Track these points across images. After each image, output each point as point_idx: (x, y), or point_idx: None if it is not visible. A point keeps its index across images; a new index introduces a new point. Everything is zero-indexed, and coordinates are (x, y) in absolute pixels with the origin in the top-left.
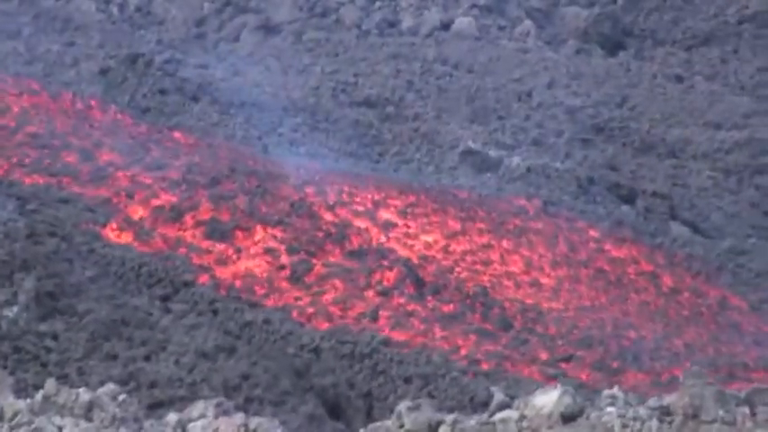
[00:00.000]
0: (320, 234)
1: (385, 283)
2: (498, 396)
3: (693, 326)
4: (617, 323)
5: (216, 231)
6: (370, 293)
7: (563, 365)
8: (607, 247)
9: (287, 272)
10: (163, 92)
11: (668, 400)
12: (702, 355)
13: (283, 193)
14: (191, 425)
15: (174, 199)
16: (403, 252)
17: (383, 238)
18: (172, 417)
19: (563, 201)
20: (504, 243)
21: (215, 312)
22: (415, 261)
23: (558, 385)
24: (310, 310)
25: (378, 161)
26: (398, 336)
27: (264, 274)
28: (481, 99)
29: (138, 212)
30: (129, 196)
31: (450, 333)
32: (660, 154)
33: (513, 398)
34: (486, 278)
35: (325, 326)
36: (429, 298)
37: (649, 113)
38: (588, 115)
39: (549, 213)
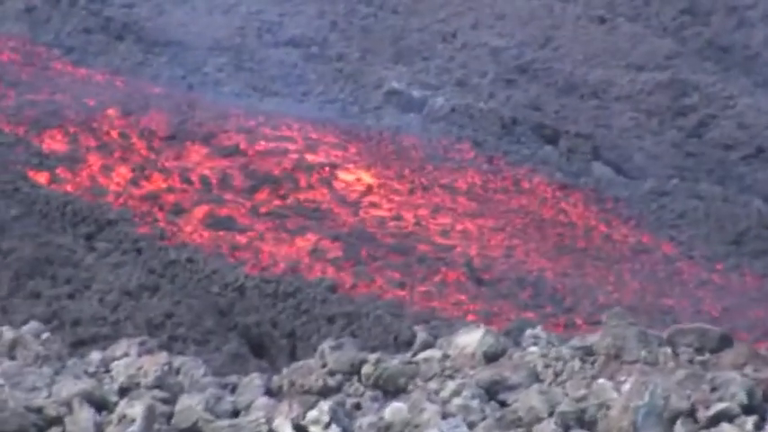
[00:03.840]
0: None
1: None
2: (422, 336)
3: (662, 283)
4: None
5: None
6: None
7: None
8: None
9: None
10: (87, 31)
11: (591, 340)
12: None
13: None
14: (114, 363)
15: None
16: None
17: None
18: (95, 355)
19: (487, 141)
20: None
21: (139, 251)
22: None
23: (482, 325)
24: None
25: (302, 101)
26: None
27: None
28: (405, 40)
29: (65, 152)
30: (73, 139)
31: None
32: (583, 95)
33: (436, 338)
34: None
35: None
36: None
37: (572, 55)
38: (512, 56)
39: (484, 158)
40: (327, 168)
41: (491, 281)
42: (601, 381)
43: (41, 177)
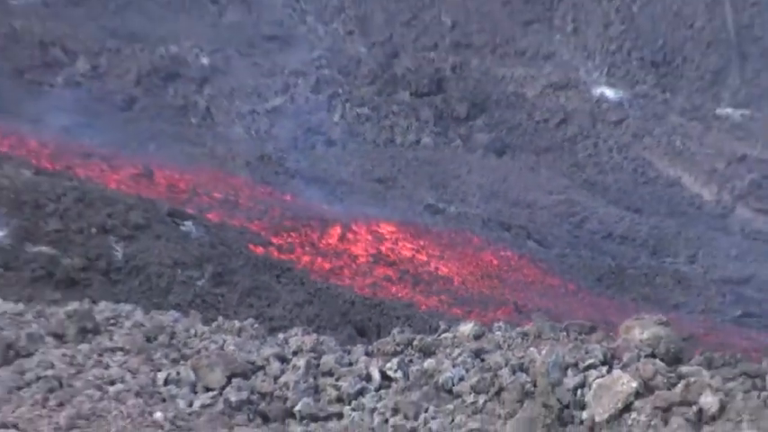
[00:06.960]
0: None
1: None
2: (443, 326)
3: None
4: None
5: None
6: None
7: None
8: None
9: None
10: (277, 173)
11: (526, 328)
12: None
13: (337, 230)
14: (290, 339)
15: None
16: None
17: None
18: (280, 335)
19: (475, 230)
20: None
21: (303, 283)
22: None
23: (473, 320)
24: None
25: (383, 208)
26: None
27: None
28: (435, 178)
29: (271, 236)
30: (269, 228)
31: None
32: (522, 208)
33: (450, 327)
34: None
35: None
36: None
37: (516, 187)
38: (487, 187)
39: (484, 241)
40: (445, 275)
41: (525, 311)
42: (531, 349)
43: (257, 249)
